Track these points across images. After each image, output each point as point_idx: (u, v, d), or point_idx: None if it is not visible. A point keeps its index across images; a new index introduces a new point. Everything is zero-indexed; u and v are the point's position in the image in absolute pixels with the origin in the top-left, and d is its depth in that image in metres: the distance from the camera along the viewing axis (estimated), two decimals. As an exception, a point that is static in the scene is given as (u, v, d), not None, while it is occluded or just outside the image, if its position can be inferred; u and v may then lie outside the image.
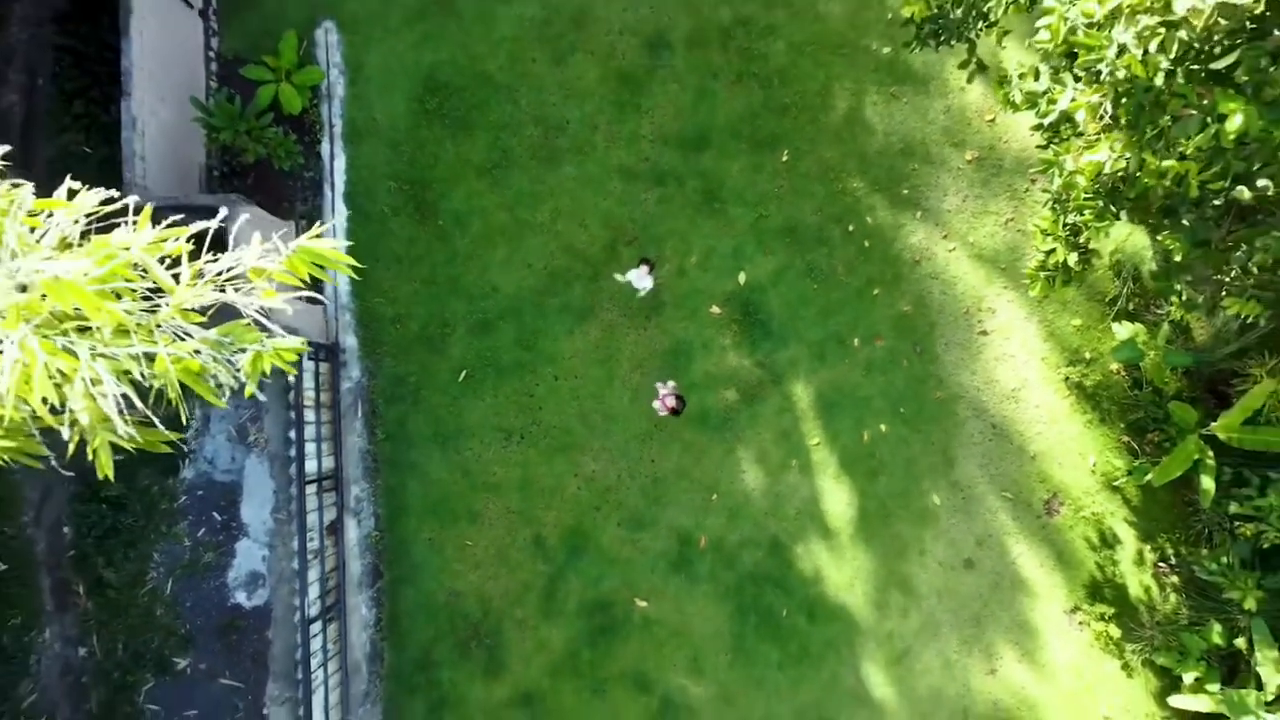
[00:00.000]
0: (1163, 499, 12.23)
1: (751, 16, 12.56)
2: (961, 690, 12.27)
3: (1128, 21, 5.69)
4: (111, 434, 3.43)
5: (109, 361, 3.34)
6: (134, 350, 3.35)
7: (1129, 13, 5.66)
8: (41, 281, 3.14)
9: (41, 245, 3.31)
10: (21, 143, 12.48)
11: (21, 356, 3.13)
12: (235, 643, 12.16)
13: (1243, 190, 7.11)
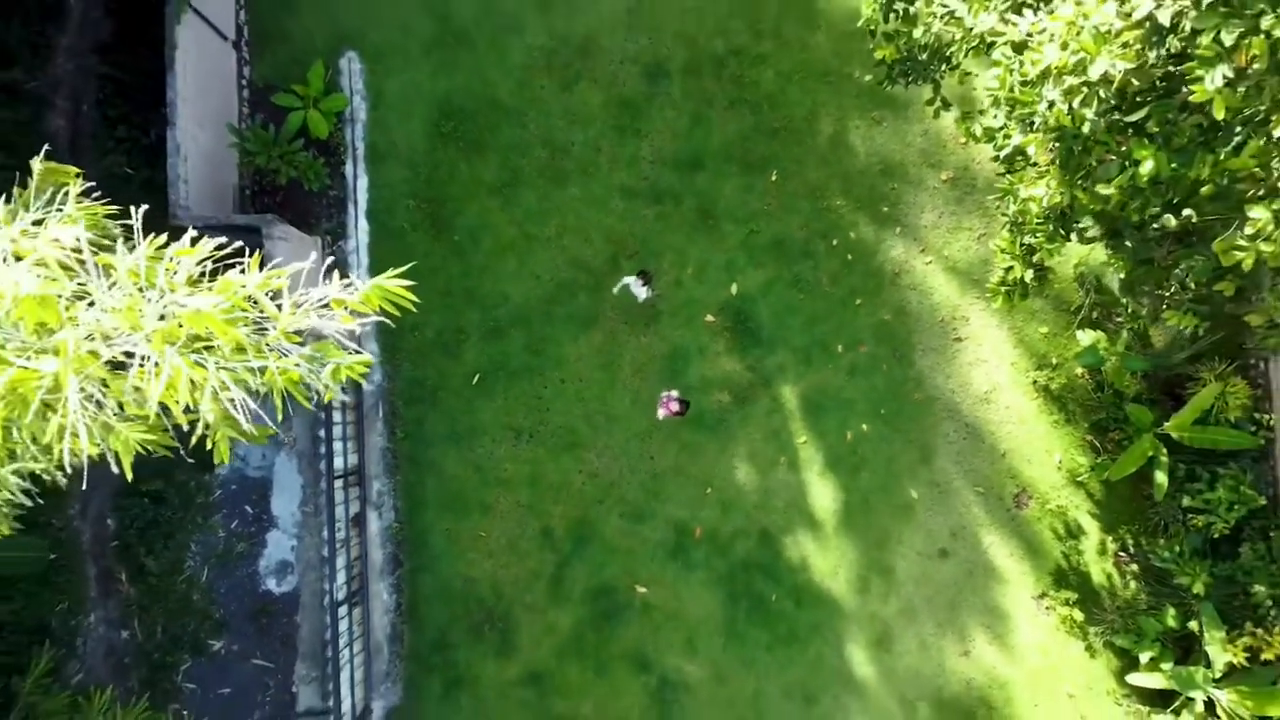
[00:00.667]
0: (1123, 493, 13.23)
1: (743, 47, 13.57)
2: (937, 670, 13.27)
3: (1055, 81, 6.69)
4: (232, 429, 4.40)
5: (230, 373, 4.32)
6: (250, 364, 4.34)
7: (1056, 73, 6.67)
8: (183, 313, 4.14)
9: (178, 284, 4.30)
10: (68, 163, 13.47)
11: (167, 370, 4.11)
12: (266, 626, 13.16)
13: (1169, 219, 8.13)
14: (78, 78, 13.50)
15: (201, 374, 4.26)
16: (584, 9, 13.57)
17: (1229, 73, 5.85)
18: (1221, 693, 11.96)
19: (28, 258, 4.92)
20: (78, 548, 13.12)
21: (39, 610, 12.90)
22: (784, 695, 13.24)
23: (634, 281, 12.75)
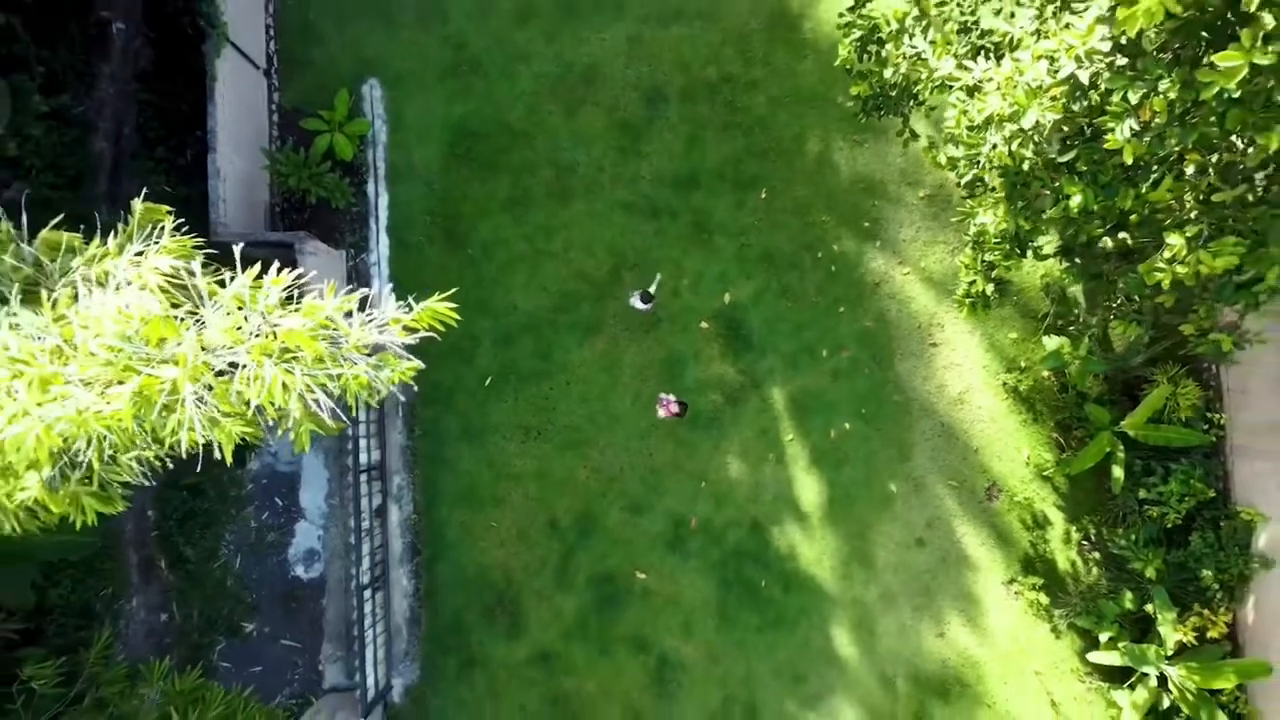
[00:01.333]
0: (1085, 487, 14.32)
1: (735, 74, 14.68)
2: (914, 651, 14.37)
3: (997, 127, 7.79)
4: (314, 424, 5.48)
5: (312, 379, 5.39)
6: (329, 372, 5.42)
7: (998, 120, 7.76)
8: (281, 331, 5.22)
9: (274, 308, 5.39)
10: (110, 183, 14.58)
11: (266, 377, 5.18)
12: (294, 610, 14.25)
13: (1107, 241, 9.24)
14: (120, 103, 14.60)
15: (291, 380, 5.34)
16: (588, 39, 14.68)
17: (1135, 125, 6.95)
18: (1173, 669, 13.05)
19: (136, 282, 6.03)
20: (120, 537, 14.21)
21: (85, 595, 13.98)
22: (773, 674, 14.33)
23: (635, 298, 13.83)
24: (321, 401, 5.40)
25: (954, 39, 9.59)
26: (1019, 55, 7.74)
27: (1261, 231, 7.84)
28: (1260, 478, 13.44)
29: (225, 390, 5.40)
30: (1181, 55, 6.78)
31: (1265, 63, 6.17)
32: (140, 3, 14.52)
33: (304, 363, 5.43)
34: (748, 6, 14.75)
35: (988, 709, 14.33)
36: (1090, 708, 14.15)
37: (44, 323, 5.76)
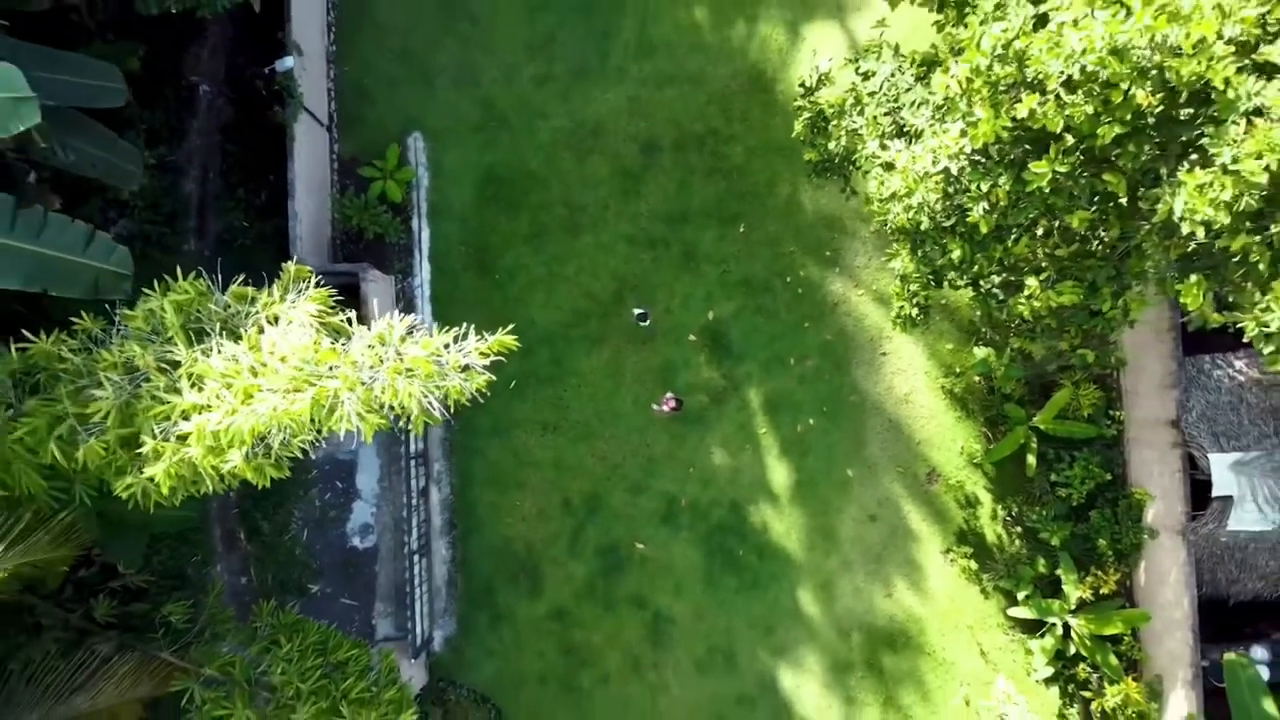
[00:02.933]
0: (1009, 472, 17.23)
1: (719, 129, 17.60)
2: (867, 608, 17.28)
3: (898, 200, 10.70)
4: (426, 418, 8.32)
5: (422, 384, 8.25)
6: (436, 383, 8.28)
7: (898, 195, 10.66)
8: (407, 357, 8.10)
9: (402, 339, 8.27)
10: (198, 220, 17.45)
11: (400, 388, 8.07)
12: (352, 574, 17.15)
13: (993, 278, 12.15)
14: (206, 152, 17.48)
15: (412, 390, 8.20)
16: (595, 100, 17.60)
17: (987, 206, 9.88)
18: (1074, 619, 16.00)
19: (294, 321, 8.97)
20: (207, 514, 17.09)
21: (179, 561, 16.87)
22: (749, 627, 17.25)
23: (636, 315, 16.78)
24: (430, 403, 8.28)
25: (881, 121, 12.50)
26: (915, 148, 10.67)
27: (1093, 278, 10.75)
28: (1149, 464, 16.37)
29: (369, 395, 8.26)
30: (1014, 160, 9.66)
31: (1063, 170, 9.10)
32: (222, 68, 17.39)
33: (420, 377, 8.29)
34: (729, 72, 17.67)
35: (928, 657, 17.25)
36: (1012, 654, 17.08)
37: (241, 349, 8.63)
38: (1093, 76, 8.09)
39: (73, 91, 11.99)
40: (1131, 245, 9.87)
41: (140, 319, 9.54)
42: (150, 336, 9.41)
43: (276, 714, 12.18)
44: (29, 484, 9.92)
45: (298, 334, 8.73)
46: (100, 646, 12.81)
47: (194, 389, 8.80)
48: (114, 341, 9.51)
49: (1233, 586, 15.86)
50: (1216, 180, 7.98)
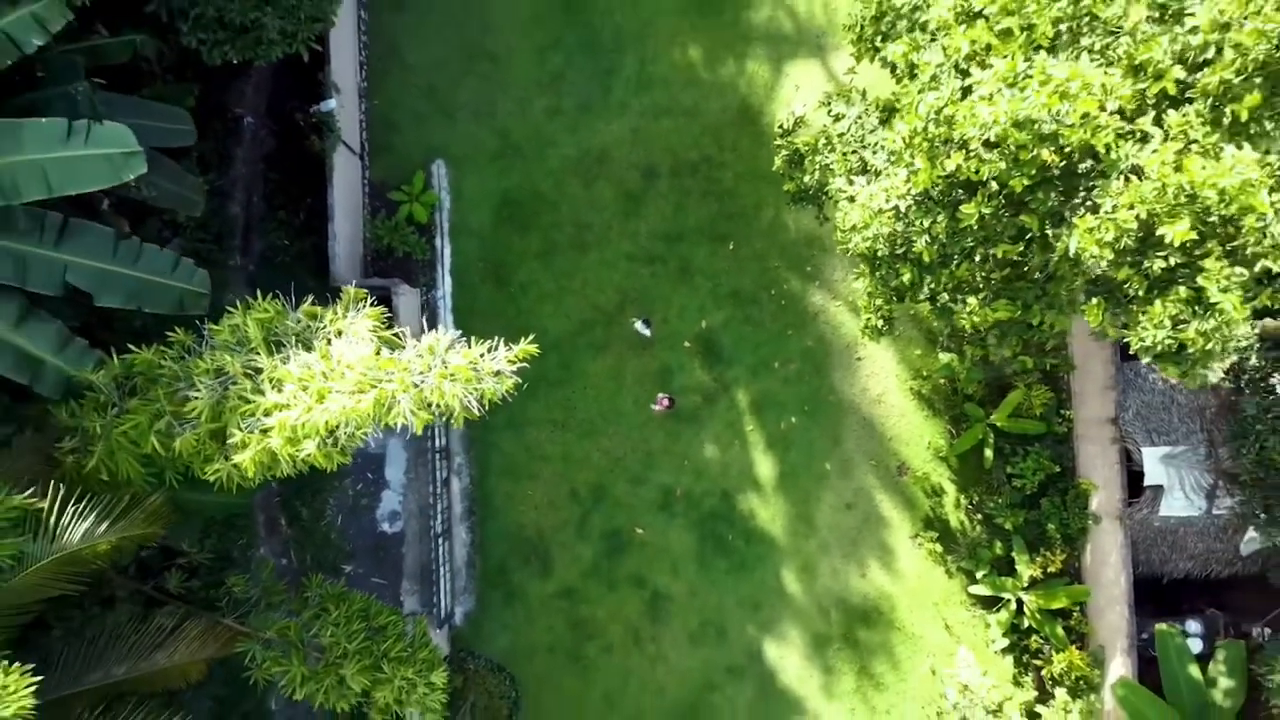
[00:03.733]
0: (970, 465, 19.19)
1: (711, 156, 19.58)
2: (843, 587, 19.24)
3: (856, 231, 12.66)
4: (466, 414, 10.26)
5: (462, 387, 10.19)
6: (473, 386, 10.23)
7: (857, 227, 12.63)
8: (451, 365, 10.07)
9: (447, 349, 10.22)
10: (243, 239, 19.40)
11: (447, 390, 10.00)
12: (381, 556, 19.12)
13: (944, 296, 14.10)
14: (249, 178, 19.44)
15: (456, 392, 10.15)
16: (600, 130, 19.58)
17: (929, 238, 11.85)
18: (1026, 595, 17.97)
19: (355, 335, 10.94)
20: (252, 502, 19.03)
21: (226, 543, 18.82)
22: (738, 604, 19.22)
23: (641, 324, 18.78)
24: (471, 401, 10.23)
25: (849, 158, 14.46)
26: (871, 187, 12.65)
27: (1024, 298, 12.70)
28: (1094, 458, 18.35)
29: (419, 396, 10.20)
30: (950, 201, 11.61)
31: (988, 211, 11.08)
32: (264, 102, 19.34)
33: (459, 381, 10.24)
34: (720, 106, 19.65)
35: (898, 630, 19.22)
36: (973, 628, 19.05)
37: (314, 358, 10.59)
38: (1004, 138, 10.07)
39: (152, 134, 13.93)
40: (1052, 271, 11.83)
41: (226, 332, 11.52)
42: (235, 347, 11.38)
43: (326, 670, 14.15)
44: (129, 470, 11.89)
45: (360, 345, 10.71)
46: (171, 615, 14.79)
47: (275, 390, 10.78)
48: (204, 351, 11.48)
49: (1165, 566, 17.84)
50: (1102, 224, 9.97)
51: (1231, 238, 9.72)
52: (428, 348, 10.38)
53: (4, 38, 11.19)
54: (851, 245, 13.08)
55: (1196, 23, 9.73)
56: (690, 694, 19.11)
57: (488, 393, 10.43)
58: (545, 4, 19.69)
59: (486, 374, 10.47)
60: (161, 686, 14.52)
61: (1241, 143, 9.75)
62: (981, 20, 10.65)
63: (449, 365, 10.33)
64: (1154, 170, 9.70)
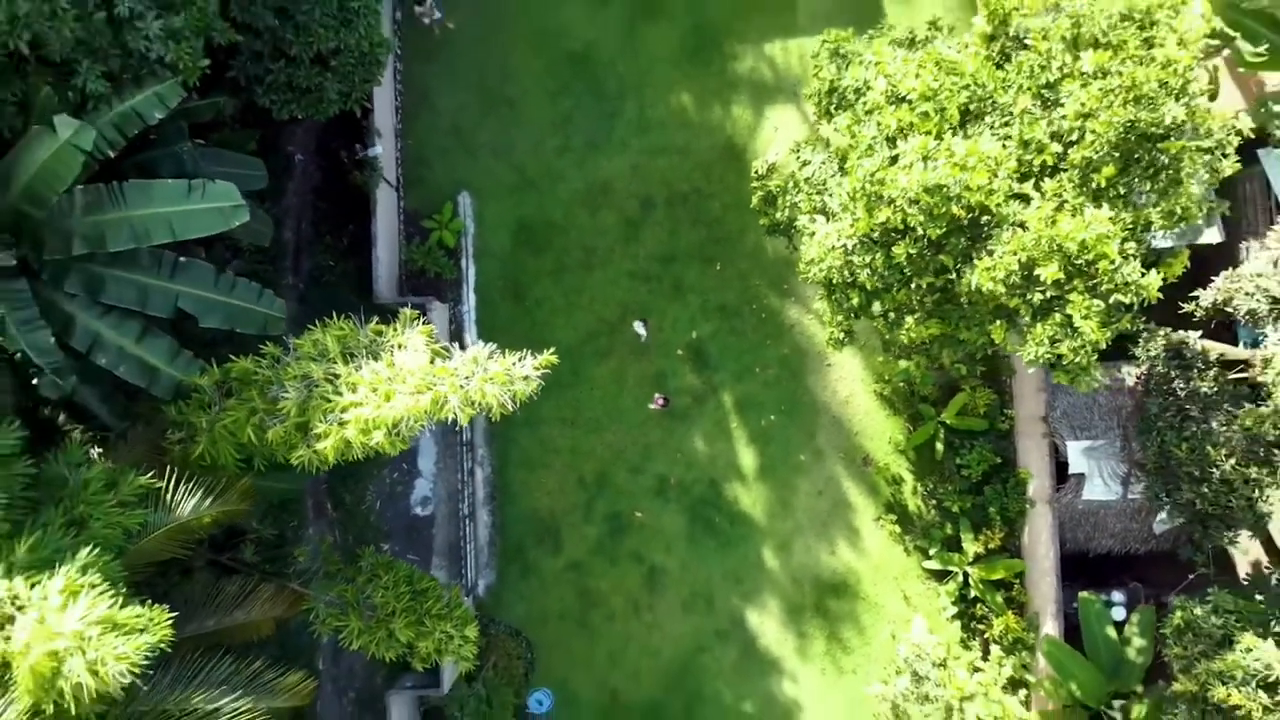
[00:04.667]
0: (925, 457, 22.08)
1: (701, 189, 22.50)
2: (815, 563, 22.16)
3: (813, 264, 15.57)
4: (501, 410, 13.08)
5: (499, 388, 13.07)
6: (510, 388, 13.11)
7: (813, 260, 15.54)
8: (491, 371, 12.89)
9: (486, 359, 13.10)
10: (294, 260, 22.31)
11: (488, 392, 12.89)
12: (414, 536, 22.03)
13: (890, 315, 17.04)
14: (299, 207, 22.35)
15: (495, 393, 13.03)
16: (604, 166, 22.51)
17: (870, 270, 14.76)
18: (971, 569, 20.90)
19: (412, 347, 13.89)
20: (303, 488, 21.94)
21: (280, 524, 21.71)
22: (723, 577, 22.13)
23: (639, 325, 21.73)
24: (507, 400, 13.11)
25: (814, 199, 17.37)
26: (826, 227, 15.57)
27: (953, 318, 15.62)
28: (1030, 451, 21.25)
29: (466, 395, 13.06)
30: (885, 242, 14.50)
31: (914, 251, 14.00)
32: (313, 141, 22.25)
33: (495, 384, 13.11)
34: (709, 144, 22.59)
35: (863, 601, 22.13)
36: (927, 597, 21.96)
37: (382, 366, 13.49)
38: (919, 199, 13.00)
39: (235, 180, 16.83)
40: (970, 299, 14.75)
41: (308, 345, 14.46)
42: (316, 358, 14.31)
43: (378, 625, 17.09)
44: (227, 457, 14.83)
45: (418, 355, 13.65)
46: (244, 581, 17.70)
47: (350, 391, 13.71)
48: (292, 360, 14.41)
49: (1090, 543, 20.74)
50: (995, 265, 12.90)
51: (1092, 277, 12.65)
52: (472, 358, 13.32)
53: (133, 113, 14.12)
54: (810, 274, 16.00)
55: (1066, 111, 12.66)
56: (682, 655, 22.04)
57: (518, 393, 13.37)
58: (556, 56, 22.65)
59: (517, 378, 13.40)
60: (240, 639, 17.38)
61: (1101, 204, 12.69)
62: (906, 103, 13.58)
63: (489, 371, 13.26)
64: (1034, 225, 12.63)
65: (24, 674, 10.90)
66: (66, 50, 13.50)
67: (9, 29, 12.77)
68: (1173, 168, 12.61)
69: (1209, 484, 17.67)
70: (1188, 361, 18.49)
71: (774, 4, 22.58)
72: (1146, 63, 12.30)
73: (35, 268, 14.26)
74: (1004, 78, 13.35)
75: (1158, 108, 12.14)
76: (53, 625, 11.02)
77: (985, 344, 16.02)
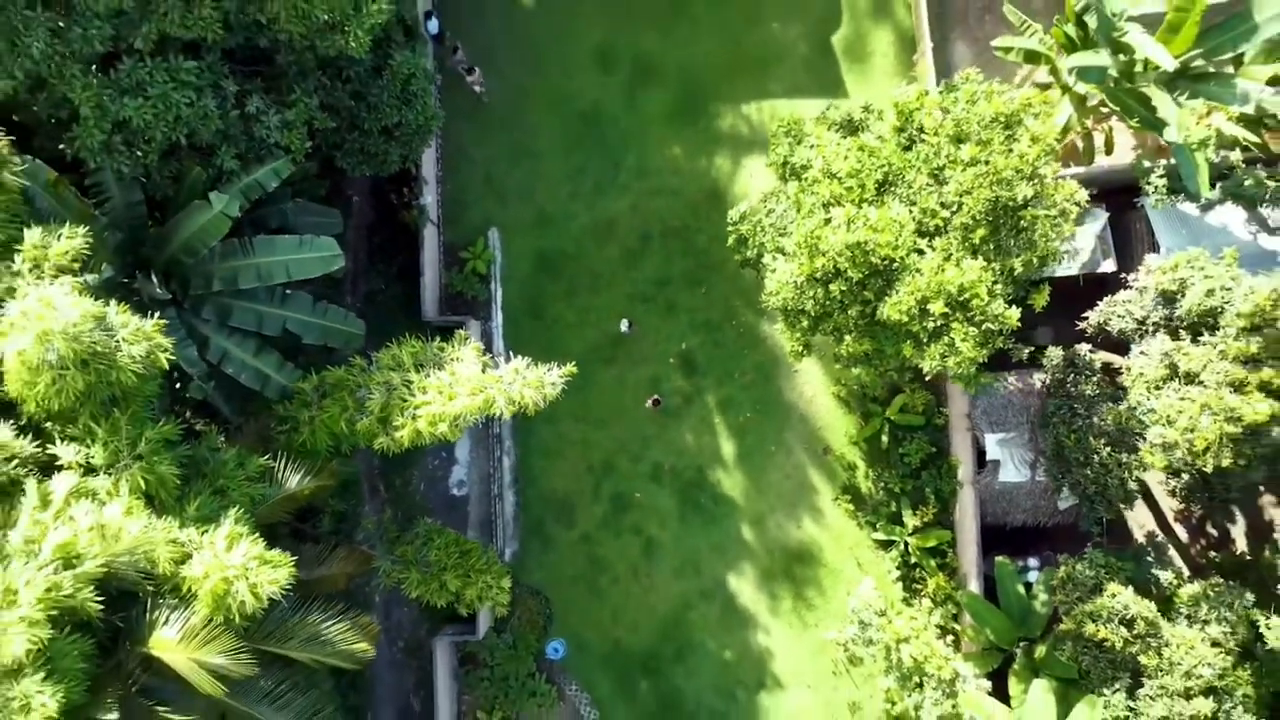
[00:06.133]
0: (876, 447, 26.66)
1: (690, 224, 27.13)
2: (784, 536, 26.74)
3: (774, 294, 20.14)
4: (536, 408, 17.61)
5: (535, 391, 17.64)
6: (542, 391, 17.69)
7: (775, 291, 20.12)
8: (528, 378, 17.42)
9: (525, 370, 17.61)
10: (352, 285, 26.95)
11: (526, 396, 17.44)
12: (452, 512, 26.63)
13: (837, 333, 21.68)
14: (356, 240, 27.00)
15: (532, 397, 17.67)
16: (609, 206, 27.15)
17: (814, 301, 19.34)
18: (910, 539, 25.51)
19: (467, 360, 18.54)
20: (358, 476, 26.57)
21: (341, 504, 26.34)
22: (708, 548, 26.72)
23: (624, 324, 26.38)
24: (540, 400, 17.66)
25: (778, 240, 21.94)
26: (784, 266, 20.16)
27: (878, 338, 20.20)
28: (959, 442, 25.84)
29: (509, 397, 17.59)
30: (824, 280, 19.05)
31: (844, 289, 18.63)
32: (369, 185, 26.89)
33: (533, 388, 17.66)
34: (696, 188, 27.22)
35: (823, 567, 26.72)
36: (876, 563, 26.56)
37: (445, 375, 18.07)
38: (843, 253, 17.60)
39: (320, 227, 21.48)
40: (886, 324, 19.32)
41: (388, 358, 19.06)
42: (394, 367, 18.91)
43: (433, 577, 21.71)
44: (323, 444, 19.44)
45: (472, 365, 18.25)
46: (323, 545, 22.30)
47: (421, 393, 18.32)
48: (375, 370, 19.01)
49: (1006, 517, 25.33)
50: (900, 301, 17.50)
51: (969, 311, 17.25)
52: (514, 369, 17.94)
53: (256, 184, 18.74)
54: (771, 302, 20.60)
55: (950, 189, 17.29)
56: (674, 611, 26.64)
57: (548, 395, 17.99)
58: (570, 116, 27.33)
59: (547, 384, 18.03)
60: (324, 590, 21.96)
61: (977, 256, 17.30)
62: (837, 179, 18.20)
63: (526, 379, 17.88)
64: (927, 272, 17.24)
65: (205, 593, 15.47)
66: (210, 139, 18.14)
67: (172, 127, 17.41)
68: (1029, 230, 17.23)
69: (1091, 467, 22.22)
70: (1078, 369, 23.08)
71: (750, 73, 27.24)
72: (1007, 154, 16.90)
73: (181, 300, 18.91)
74: (908, 159, 17.96)
75: (1013, 187, 16.75)
76: (224, 560, 15.61)
77: (901, 358, 20.62)
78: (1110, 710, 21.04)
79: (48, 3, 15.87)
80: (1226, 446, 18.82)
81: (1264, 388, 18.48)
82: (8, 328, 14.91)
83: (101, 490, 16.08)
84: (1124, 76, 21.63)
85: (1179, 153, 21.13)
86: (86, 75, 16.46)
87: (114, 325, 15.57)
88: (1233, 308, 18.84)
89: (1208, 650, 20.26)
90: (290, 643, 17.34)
